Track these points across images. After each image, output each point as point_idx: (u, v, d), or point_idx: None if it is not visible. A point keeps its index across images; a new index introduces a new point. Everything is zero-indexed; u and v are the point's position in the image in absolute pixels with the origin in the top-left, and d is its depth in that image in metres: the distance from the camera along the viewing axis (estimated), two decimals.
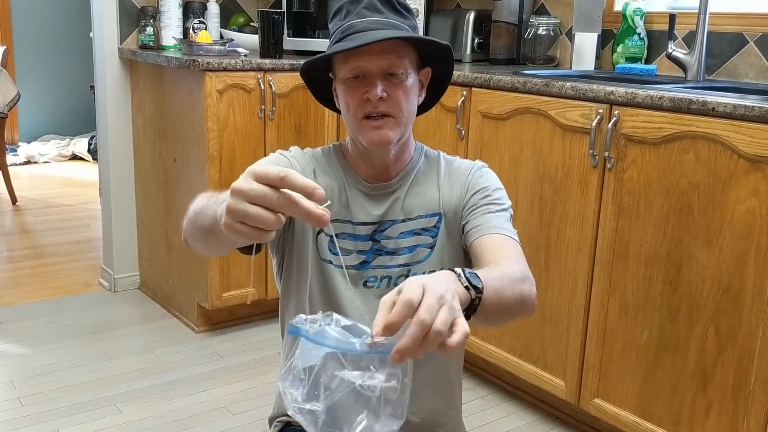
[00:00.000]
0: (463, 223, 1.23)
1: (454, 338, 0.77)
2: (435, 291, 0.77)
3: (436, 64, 1.25)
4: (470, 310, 0.90)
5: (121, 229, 3.19)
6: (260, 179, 0.78)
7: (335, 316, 0.83)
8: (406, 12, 1.20)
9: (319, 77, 1.26)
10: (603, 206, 2.00)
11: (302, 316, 0.84)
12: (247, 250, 1.18)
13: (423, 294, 0.77)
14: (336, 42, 1.19)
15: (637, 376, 1.97)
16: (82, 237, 4.00)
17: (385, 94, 1.15)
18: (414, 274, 1.22)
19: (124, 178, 3.16)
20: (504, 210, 1.21)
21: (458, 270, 0.90)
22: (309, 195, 0.78)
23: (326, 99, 1.29)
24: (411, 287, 0.78)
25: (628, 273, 1.96)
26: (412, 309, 0.76)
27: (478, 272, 0.93)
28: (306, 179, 0.79)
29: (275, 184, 0.78)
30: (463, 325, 0.78)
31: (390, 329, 0.77)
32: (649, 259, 1.91)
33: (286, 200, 0.78)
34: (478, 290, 0.90)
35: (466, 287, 0.89)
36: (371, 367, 0.80)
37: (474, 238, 1.17)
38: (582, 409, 2.14)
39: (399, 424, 0.82)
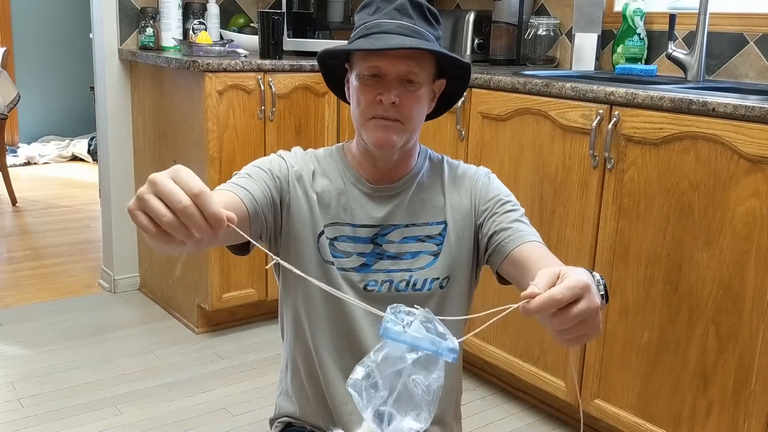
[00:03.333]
0: (485, 231, 1.23)
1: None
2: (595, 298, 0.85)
3: (452, 78, 1.25)
4: None
5: (121, 230, 3.18)
6: (179, 182, 0.78)
7: (428, 314, 0.84)
8: (434, 21, 1.21)
9: (334, 65, 1.26)
10: (603, 207, 2.00)
11: (399, 307, 0.85)
12: (236, 249, 1.17)
13: (589, 290, 0.84)
14: (359, 37, 1.18)
15: (638, 377, 1.97)
16: (82, 238, 4.00)
17: (398, 100, 1.15)
18: (416, 281, 1.23)
19: (124, 179, 3.16)
20: (523, 214, 1.23)
21: (596, 276, 0.96)
22: (213, 224, 0.78)
23: (337, 86, 1.30)
24: (584, 277, 0.84)
25: (628, 274, 1.96)
26: (579, 295, 0.83)
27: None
28: (219, 210, 0.78)
29: (189, 194, 0.78)
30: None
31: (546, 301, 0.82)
32: (649, 259, 1.91)
33: (185, 211, 0.77)
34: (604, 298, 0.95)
35: (602, 295, 0.94)
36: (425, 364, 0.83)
37: (512, 246, 1.18)
38: (582, 409, 2.13)
39: (428, 422, 0.84)
